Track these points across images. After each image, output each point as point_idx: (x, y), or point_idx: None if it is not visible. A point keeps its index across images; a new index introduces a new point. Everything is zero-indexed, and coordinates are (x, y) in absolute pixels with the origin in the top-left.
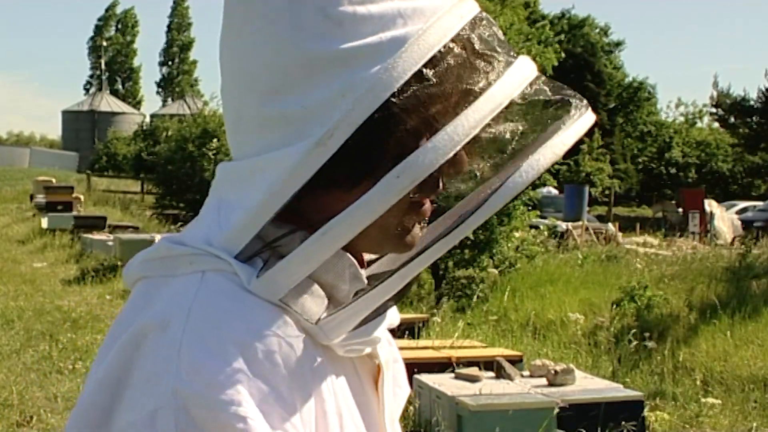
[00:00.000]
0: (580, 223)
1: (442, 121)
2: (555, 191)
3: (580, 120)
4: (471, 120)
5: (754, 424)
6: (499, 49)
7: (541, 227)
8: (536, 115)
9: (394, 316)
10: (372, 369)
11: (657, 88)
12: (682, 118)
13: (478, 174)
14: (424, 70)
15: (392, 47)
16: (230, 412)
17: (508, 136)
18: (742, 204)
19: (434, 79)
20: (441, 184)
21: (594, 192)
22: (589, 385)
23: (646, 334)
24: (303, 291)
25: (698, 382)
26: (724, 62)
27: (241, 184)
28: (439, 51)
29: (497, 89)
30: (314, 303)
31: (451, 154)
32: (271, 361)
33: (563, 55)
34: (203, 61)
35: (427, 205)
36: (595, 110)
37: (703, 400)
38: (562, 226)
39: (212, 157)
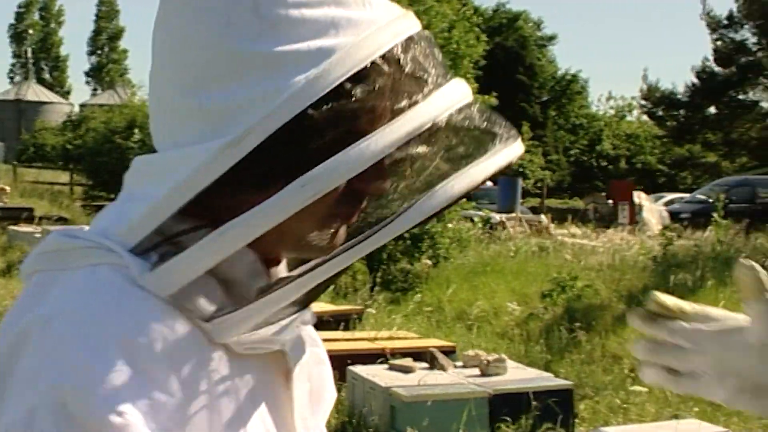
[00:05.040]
0: (514, 214)
1: (358, 136)
2: (489, 183)
3: (504, 151)
4: (386, 139)
5: (678, 411)
6: (431, 71)
7: (476, 219)
8: (460, 140)
9: (308, 316)
10: (285, 368)
11: (589, 81)
12: (612, 111)
13: (391, 194)
14: (347, 84)
15: (318, 57)
16: (108, 407)
17: (427, 159)
18: (670, 196)
19: (355, 95)
20: (364, 199)
21: (526, 184)
22: (520, 375)
23: (577, 324)
24: (198, 287)
25: (625, 371)
26: (653, 56)
27: (151, 177)
28: (366, 67)
29: (419, 111)
30: (208, 300)
31: (359, 170)
32: (152, 356)
33: (485, 39)
34: (134, 51)
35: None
36: (527, 103)
37: (630, 388)
38: (496, 217)
39: (138, 149)
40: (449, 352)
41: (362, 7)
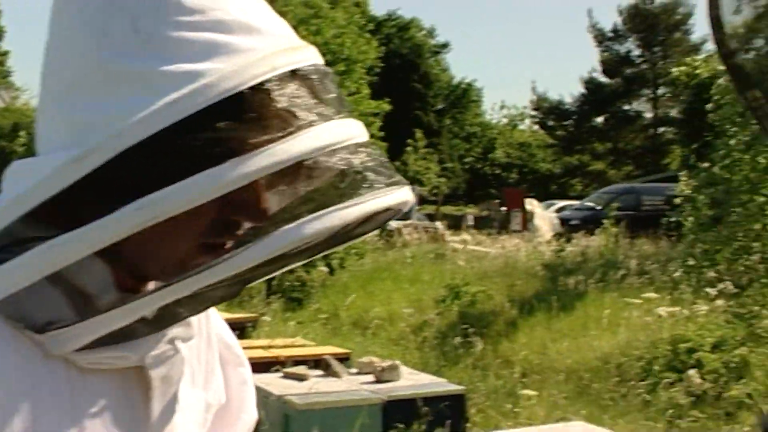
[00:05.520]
0: (410, 221)
1: (206, 167)
2: None
3: (374, 201)
4: (236, 172)
5: (565, 415)
6: (311, 108)
7: None
8: (328, 182)
9: (190, 332)
10: (148, 385)
11: (483, 90)
12: (505, 120)
13: (243, 227)
14: (208, 112)
15: (185, 81)
16: None
17: (289, 196)
18: (560, 203)
19: (215, 124)
20: (236, 228)
21: (422, 191)
22: (414, 381)
23: (470, 330)
24: (34, 296)
25: (515, 375)
26: (544, 66)
27: (15, 181)
28: (232, 97)
29: (279, 148)
30: (46, 311)
31: (203, 201)
32: None
33: (375, 45)
34: (17, 52)
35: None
36: (422, 111)
37: (520, 392)
38: (392, 224)
39: (24, 153)
40: (344, 359)
41: (248, 34)
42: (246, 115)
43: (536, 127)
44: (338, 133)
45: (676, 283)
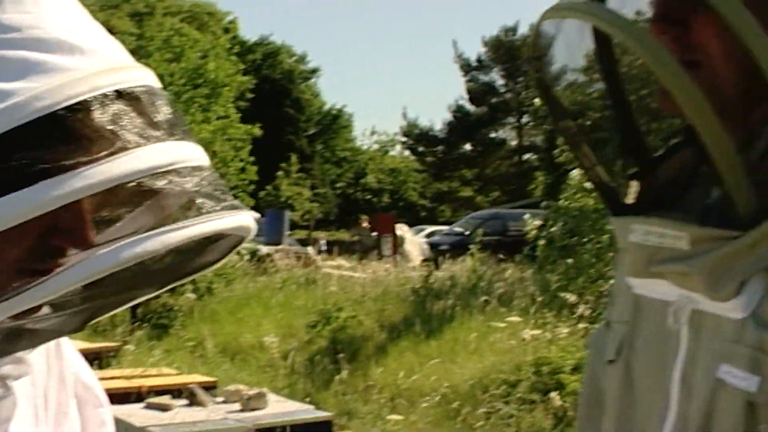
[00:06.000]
0: (281, 246)
1: (14, 189)
2: (257, 215)
3: (206, 224)
4: (43, 196)
5: None
6: (137, 129)
7: (242, 252)
8: (157, 207)
9: (21, 370)
10: None
11: (354, 116)
12: (376, 146)
13: (68, 253)
14: (17, 134)
15: None
16: None
17: (111, 221)
18: (430, 228)
19: (23, 145)
20: (61, 253)
21: (294, 216)
22: (281, 408)
23: (341, 355)
24: None
25: (382, 400)
26: (414, 93)
27: None
28: (45, 117)
29: (95, 171)
30: None
31: (5, 227)
32: None
33: (241, 68)
34: None
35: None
36: (294, 135)
37: (387, 417)
38: (263, 249)
39: None
40: (210, 388)
41: (69, 54)
42: (61, 136)
43: (407, 153)
44: (166, 156)
45: (538, 307)
